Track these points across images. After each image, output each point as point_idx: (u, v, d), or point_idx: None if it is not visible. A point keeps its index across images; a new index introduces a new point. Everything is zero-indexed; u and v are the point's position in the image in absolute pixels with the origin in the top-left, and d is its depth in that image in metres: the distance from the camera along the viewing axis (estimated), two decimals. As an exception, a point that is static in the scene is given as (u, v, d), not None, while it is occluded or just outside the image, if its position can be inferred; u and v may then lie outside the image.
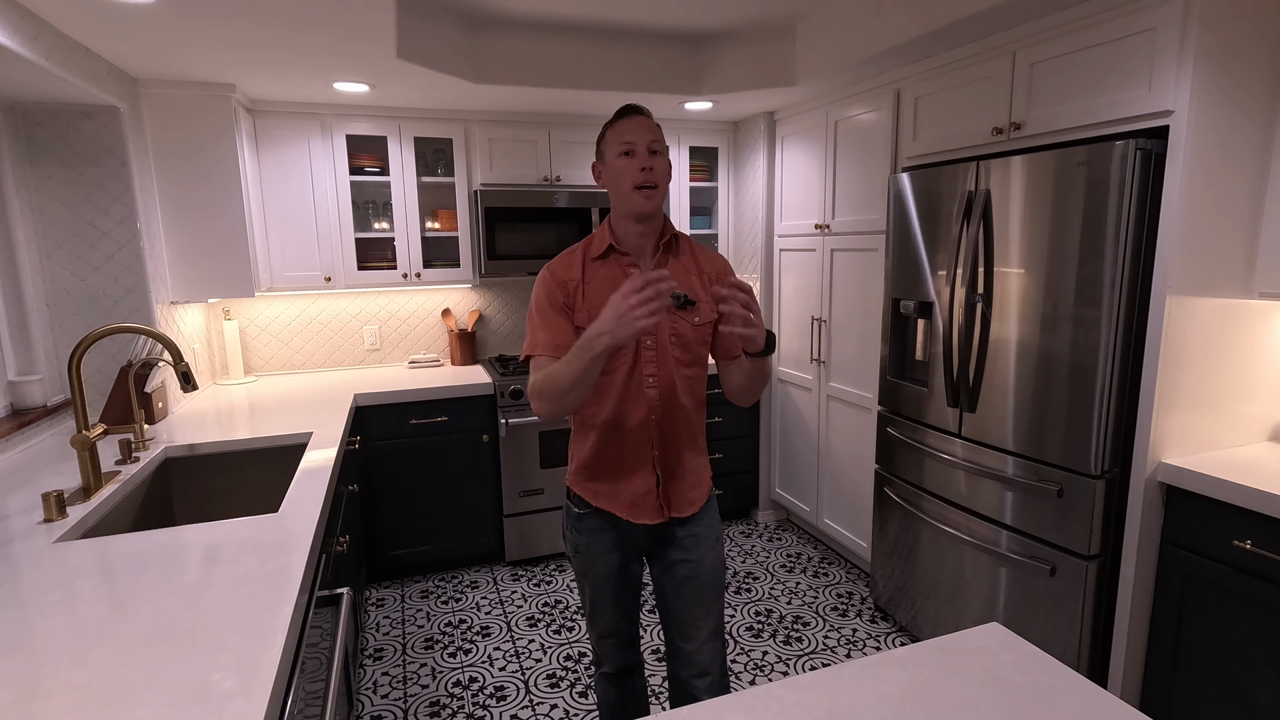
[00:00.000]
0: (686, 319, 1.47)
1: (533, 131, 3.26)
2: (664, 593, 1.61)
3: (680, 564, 1.56)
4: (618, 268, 1.46)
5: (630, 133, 1.40)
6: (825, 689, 0.94)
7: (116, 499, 1.69)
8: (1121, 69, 1.79)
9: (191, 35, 2.06)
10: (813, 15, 2.61)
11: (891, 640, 2.59)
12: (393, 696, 2.31)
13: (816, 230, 3.11)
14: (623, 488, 1.51)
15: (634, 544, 1.57)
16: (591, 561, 1.57)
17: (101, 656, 0.97)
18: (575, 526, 1.59)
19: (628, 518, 1.52)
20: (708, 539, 1.57)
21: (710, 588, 1.57)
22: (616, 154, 1.41)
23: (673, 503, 1.53)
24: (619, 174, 1.41)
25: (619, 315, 1.20)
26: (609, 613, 1.62)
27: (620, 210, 1.46)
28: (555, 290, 1.45)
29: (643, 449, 1.49)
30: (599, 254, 1.47)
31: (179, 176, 2.62)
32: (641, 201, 1.40)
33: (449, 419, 2.99)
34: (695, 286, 1.50)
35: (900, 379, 2.54)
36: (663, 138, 1.44)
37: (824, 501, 3.23)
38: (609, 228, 1.49)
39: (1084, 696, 0.91)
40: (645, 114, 1.44)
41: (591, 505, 1.54)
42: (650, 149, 1.40)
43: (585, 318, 1.42)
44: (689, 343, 1.47)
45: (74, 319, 2.35)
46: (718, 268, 1.55)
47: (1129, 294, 1.80)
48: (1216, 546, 1.69)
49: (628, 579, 1.61)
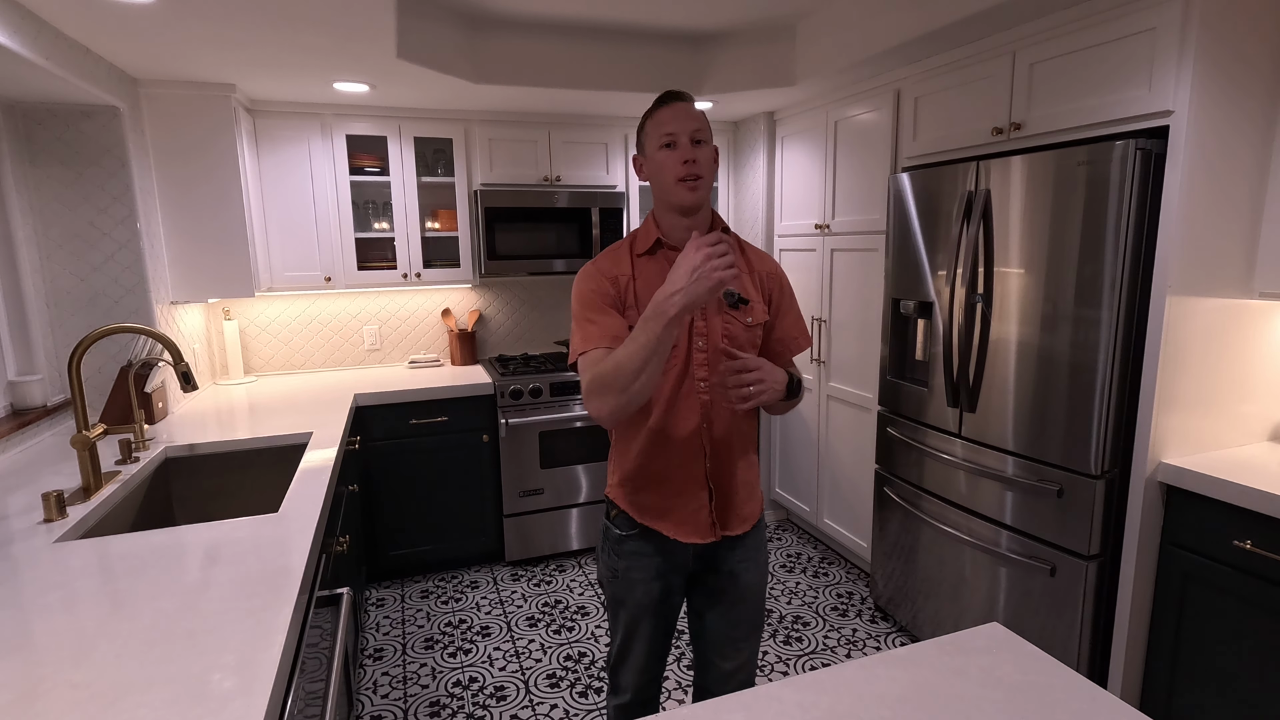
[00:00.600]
0: (739, 319, 1.37)
1: (533, 131, 3.26)
2: (702, 612, 1.50)
3: (728, 588, 1.46)
4: (666, 263, 1.36)
5: (670, 122, 1.31)
6: (825, 689, 0.94)
7: (116, 499, 1.69)
8: (1121, 69, 1.79)
9: (191, 35, 2.06)
10: (813, 15, 2.61)
11: (891, 640, 2.59)
12: (393, 696, 2.31)
13: (816, 230, 3.10)
14: (672, 503, 1.40)
15: (680, 569, 1.45)
16: (630, 588, 1.45)
17: (101, 656, 0.97)
18: (615, 550, 1.46)
19: (677, 536, 1.40)
20: (759, 559, 1.48)
21: (757, 607, 1.49)
22: (657, 146, 1.32)
23: (727, 519, 1.42)
24: (661, 167, 1.32)
25: (693, 269, 1.11)
26: (641, 650, 1.49)
27: (664, 204, 1.37)
28: (605, 285, 1.35)
29: (694, 460, 1.38)
30: (645, 249, 1.38)
31: (179, 176, 2.62)
32: (686, 194, 1.31)
33: (449, 419, 2.99)
34: (747, 285, 1.40)
35: (900, 379, 2.54)
36: (707, 125, 1.34)
37: (824, 501, 3.23)
38: (654, 222, 1.40)
39: (1084, 696, 0.91)
40: (687, 99, 1.34)
41: (638, 525, 1.42)
42: (693, 138, 1.31)
43: (636, 316, 1.32)
44: (741, 345, 1.38)
45: (74, 319, 2.35)
46: (769, 267, 1.46)
47: (1129, 294, 1.80)
48: (1216, 546, 1.69)
49: (667, 612, 1.48)
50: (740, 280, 1.38)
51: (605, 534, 1.50)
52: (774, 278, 1.46)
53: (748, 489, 1.45)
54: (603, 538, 1.51)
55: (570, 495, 3.21)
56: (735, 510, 1.43)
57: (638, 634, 1.48)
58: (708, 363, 1.36)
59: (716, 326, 1.36)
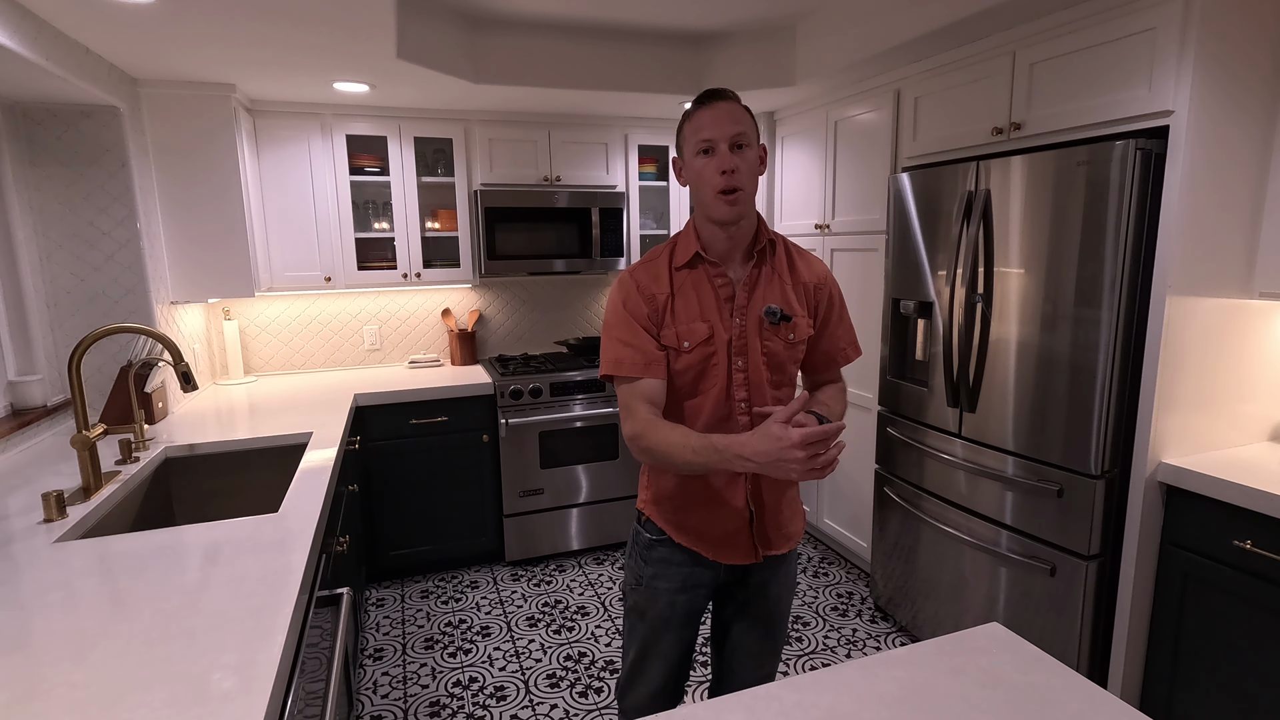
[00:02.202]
0: (780, 336, 1.31)
1: (533, 131, 3.26)
2: (730, 627, 1.46)
3: (756, 602, 1.42)
4: (705, 278, 1.30)
5: (708, 127, 1.21)
6: (825, 689, 0.94)
7: (116, 499, 1.69)
8: (1121, 69, 1.79)
9: (191, 35, 2.06)
10: (813, 15, 2.61)
11: (891, 640, 2.59)
12: (393, 696, 2.31)
13: (816, 230, 3.10)
14: (712, 524, 1.34)
15: (709, 586, 1.40)
16: (654, 598, 1.38)
17: (101, 656, 0.97)
18: (644, 555, 1.40)
19: (715, 557, 1.35)
20: (788, 574, 1.45)
21: (784, 622, 1.47)
22: (695, 152, 1.24)
23: (769, 539, 1.37)
24: (699, 176, 1.24)
25: (776, 460, 1.07)
26: (658, 667, 1.41)
27: (704, 214, 1.28)
28: (640, 303, 1.28)
29: (734, 480, 1.33)
30: (684, 262, 1.30)
31: (179, 176, 2.62)
32: (725, 208, 1.23)
33: (449, 419, 2.99)
34: (791, 299, 1.32)
35: (900, 379, 2.54)
36: (751, 126, 1.24)
37: (824, 501, 3.23)
38: (694, 232, 1.31)
39: (1084, 696, 0.91)
40: (729, 98, 1.24)
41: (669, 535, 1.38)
42: (734, 143, 1.21)
43: (673, 336, 1.28)
44: (782, 362, 1.32)
45: (74, 319, 2.35)
46: (818, 275, 1.37)
47: (1129, 294, 1.80)
48: (1216, 546, 1.69)
49: (689, 630, 1.42)
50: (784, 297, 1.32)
51: (635, 538, 1.44)
52: (823, 287, 1.37)
53: (791, 507, 1.41)
54: (631, 542, 1.46)
55: (570, 495, 3.21)
56: (780, 529, 1.38)
57: (656, 650, 1.41)
58: (747, 383, 1.30)
59: (756, 346, 1.30)
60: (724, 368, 1.29)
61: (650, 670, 1.42)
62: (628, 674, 1.46)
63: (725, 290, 1.30)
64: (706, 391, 1.30)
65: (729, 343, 1.29)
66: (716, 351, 1.28)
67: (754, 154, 1.25)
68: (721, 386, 1.29)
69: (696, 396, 1.31)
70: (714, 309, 1.29)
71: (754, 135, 1.25)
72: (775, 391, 1.33)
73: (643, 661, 1.43)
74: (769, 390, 1.32)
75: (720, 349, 1.28)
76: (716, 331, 1.28)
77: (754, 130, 1.25)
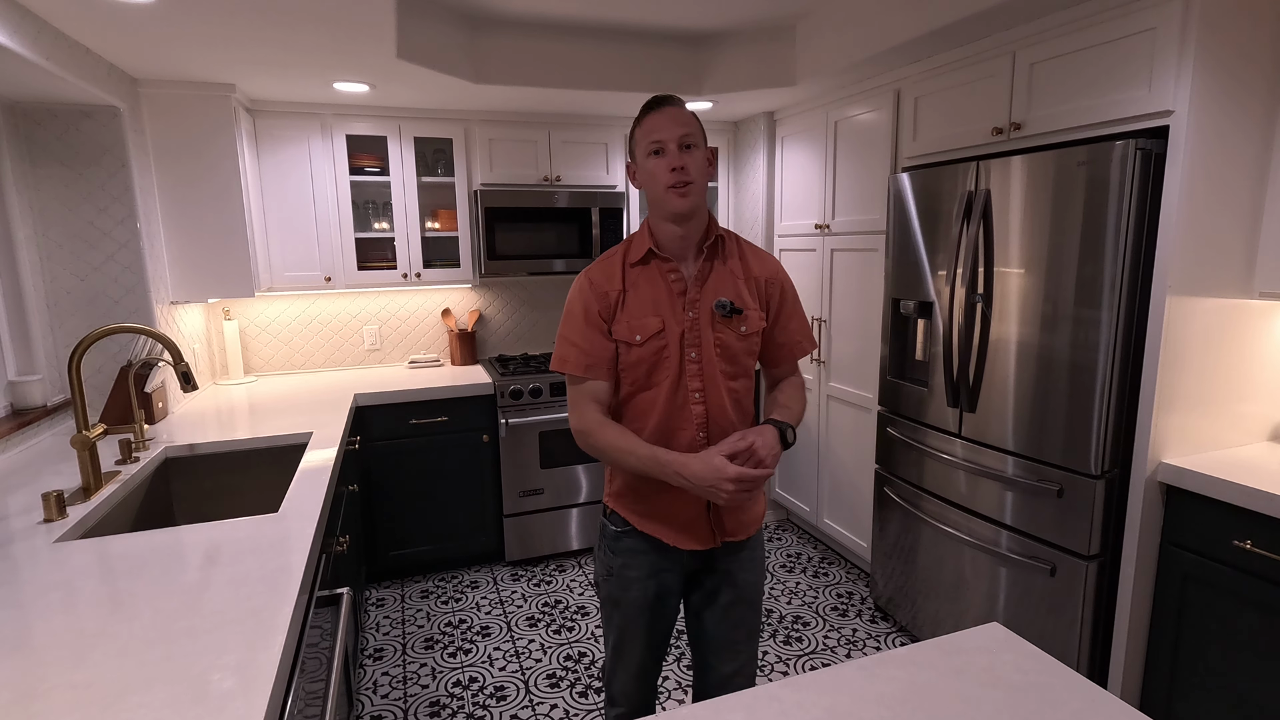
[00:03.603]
0: (732, 329, 1.37)
1: (533, 131, 3.26)
2: (701, 615, 1.50)
3: (725, 589, 1.46)
4: (659, 274, 1.37)
5: (659, 129, 1.30)
6: (825, 689, 0.94)
7: (116, 499, 1.69)
8: (1121, 69, 1.79)
9: (191, 35, 2.06)
10: (813, 15, 2.61)
11: (891, 640, 2.59)
12: (393, 696, 2.31)
13: (816, 230, 3.10)
14: (672, 513, 1.40)
15: (677, 570, 1.46)
16: (625, 586, 1.45)
17: (101, 656, 0.97)
18: (611, 547, 1.47)
19: (677, 544, 1.41)
20: (755, 560, 1.49)
21: (755, 610, 1.50)
22: (646, 153, 1.32)
23: (726, 526, 1.42)
24: (651, 174, 1.32)
25: (710, 486, 1.22)
26: (638, 649, 1.48)
27: (657, 212, 1.36)
28: (593, 302, 1.36)
29: None
30: (638, 259, 1.38)
31: (179, 176, 2.62)
32: (677, 201, 1.30)
33: (449, 419, 2.99)
34: (743, 293, 1.38)
35: (900, 379, 2.54)
36: (698, 128, 1.33)
37: (824, 501, 3.23)
38: (648, 230, 1.39)
39: (1084, 696, 0.91)
40: (676, 104, 1.32)
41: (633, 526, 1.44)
42: (683, 143, 1.29)
43: (625, 329, 1.35)
44: (735, 354, 1.38)
45: (74, 319, 2.35)
46: (769, 270, 1.44)
47: (1129, 294, 1.80)
48: (1216, 546, 1.69)
49: (664, 612, 1.48)
50: (736, 290, 1.38)
51: (602, 531, 1.51)
52: (774, 281, 1.43)
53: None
54: (600, 535, 1.52)
55: (570, 495, 3.21)
56: (737, 517, 1.43)
57: (633, 635, 1.47)
58: (701, 374, 1.36)
59: (709, 338, 1.36)
60: (676, 360, 1.35)
61: (630, 654, 1.49)
62: (610, 661, 1.52)
63: (678, 285, 1.37)
64: (660, 383, 1.36)
65: (681, 335, 1.35)
66: (668, 344, 1.35)
67: (702, 155, 1.32)
68: (674, 378, 1.35)
69: (651, 389, 1.37)
70: (667, 303, 1.36)
71: (701, 138, 1.33)
72: (730, 383, 1.39)
73: (622, 647, 1.49)
74: (723, 381, 1.38)
75: (672, 341, 1.35)
76: (669, 324, 1.35)
77: (700, 134, 1.34)
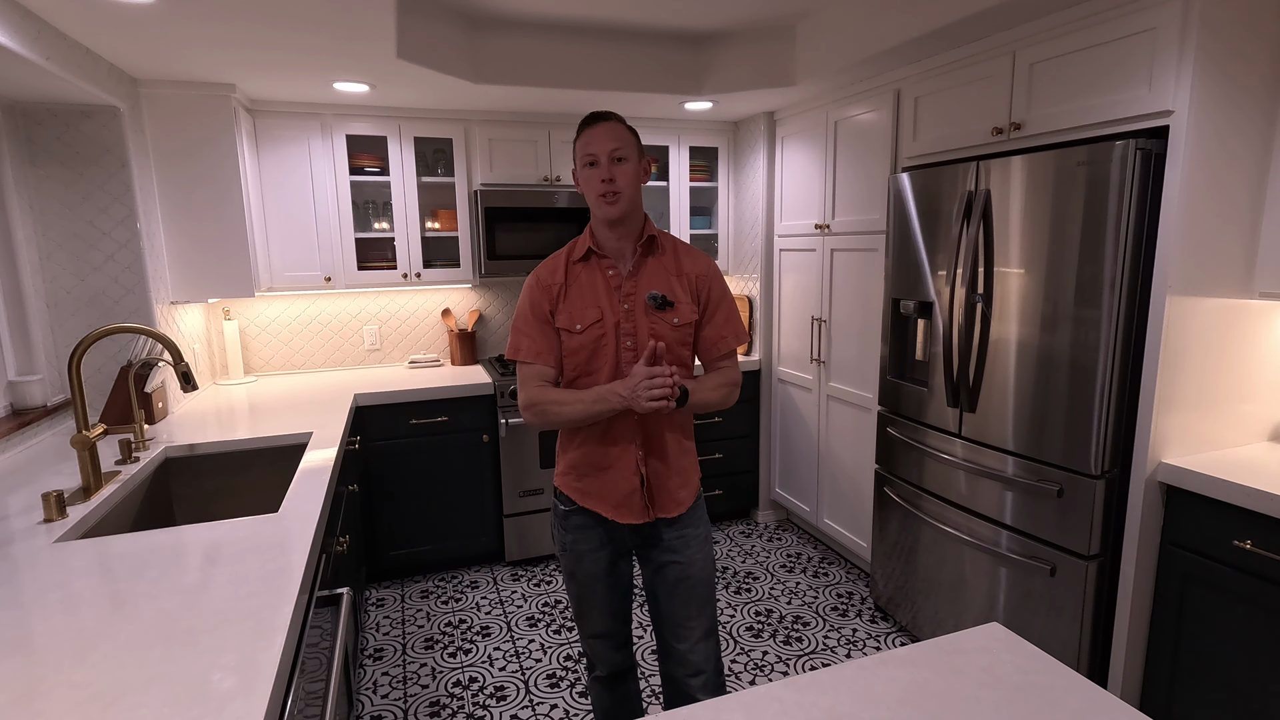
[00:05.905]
0: (665, 320, 1.50)
1: (533, 131, 3.26)
2: (655, 594, 1.62)
3: (670, 565, 1.58)
4: (597, 270, 1.52)
5: (592, 143, 1.44)
6: (825, 689, 0.94)
7: (116, 499, 1.69)
8: (1121, 69, 1.79)
9: (192, 35, 2.06)
10: (813, 15, 2.61)
11: (891, 640, 2.59)
12: (393, 696, 2.31)
13: (816, 230, 3.10)
14: (609, 487, 1.54)
15: (621, 543, 1.59)
16: (579, 559, 1.60)
17: (101, 656, 0.97)
18: (562, 524, 1.61)
19: (613, 518, 1.54)
20: (697, 538, 1.59)
21: (701, 587, 1.59)
22: (582, 165, 1.46)
23: (658, 502, 1.55)
24: (586, 184, 1.47)
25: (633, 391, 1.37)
26: (597, 613, 1.64)
27: (594, 216, 1.52)
28: (540, 298, 1.51)
29: (628, 450, 1.52)
30: (580, 257, 1.53)
31: (179, 176, 2.62)
32: (607, 208, 1.45)
33: (449, 419, 2.99)
34: (675, 287, 1.52)
35: (900, 379, 2.54)
36: (629, 141, 1.46)
37: (824, 501, 3.23)
38: (589, 232, 1.54)
39: (1084, 696, 0.91)
40: (611, 120, 1.46)
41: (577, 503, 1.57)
42: (613, 157, 1.43)
43: (566, 319, 1.50)
44: (669, 344, 1.49)
45: (74, 319, 2.35)
46: (700, 268, 1.56)
47: (1129, 294, 1.80)
48: (1216, 546, 1.69)
49: (616, 578, 1.62)
50: (669, 285, 1.51)
51: (554, 510, 1.64)
52: (705, 278, 1.56)
53: (681, 476, 1.57)
54: (552, 514, 1.66)
55: (570, 495, 3.21)
56: (669, 495, 1.56)
57: (591, 599, 1.63)
58: (636, 359, 1.48)
59: (644, 326, 1.49)
60: (613, 347, 1.49)
61: (591, 618, 1.66)
62: (577, 615, 1.69)
63: (615, 280, 1.52)
64: (599, 369, 1.50)
65: (617, 324, 1.50)
66: (606, 333, 1.49)
67: (633, 166, 1.46)
68: (612, 364, 1.50)
69: (591, 374, 1.51)
70: (604, 295, 1.51)
71: (633, 151, 1.47)
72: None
73: (583, 614, 1.67)
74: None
75: (609, 330, 1.49)
76: (606, 315, 1.49)
77: (633, 146, 1.47)
